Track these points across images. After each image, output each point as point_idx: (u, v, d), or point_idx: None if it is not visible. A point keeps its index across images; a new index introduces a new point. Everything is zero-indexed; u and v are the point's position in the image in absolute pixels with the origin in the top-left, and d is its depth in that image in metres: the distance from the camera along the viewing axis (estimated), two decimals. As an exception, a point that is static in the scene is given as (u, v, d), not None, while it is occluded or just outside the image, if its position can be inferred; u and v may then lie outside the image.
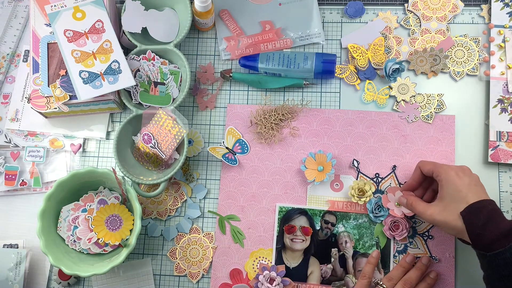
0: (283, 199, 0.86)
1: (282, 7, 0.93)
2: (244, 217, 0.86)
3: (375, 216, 0.83)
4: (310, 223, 0.84)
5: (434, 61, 0.88)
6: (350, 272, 0.82)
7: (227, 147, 0.88)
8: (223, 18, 0.93)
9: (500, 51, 0.87)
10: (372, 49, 0.89)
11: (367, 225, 0.84)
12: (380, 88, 0.88)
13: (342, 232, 0.84)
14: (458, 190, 0.71)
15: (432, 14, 0.90)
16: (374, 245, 0.83)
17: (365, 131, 0.87)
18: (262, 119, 0.88)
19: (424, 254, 0.81)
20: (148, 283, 0.85)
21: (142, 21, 0.89)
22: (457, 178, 0.72)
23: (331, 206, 0.84)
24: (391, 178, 0.85)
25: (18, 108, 0.91)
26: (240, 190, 0.87)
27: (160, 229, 0.87)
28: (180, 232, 0.86)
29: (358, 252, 0.83)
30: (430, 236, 0.82)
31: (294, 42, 0.91)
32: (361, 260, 0.82)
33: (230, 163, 0.86)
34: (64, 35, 0.85)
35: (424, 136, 0.86)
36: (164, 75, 0.88)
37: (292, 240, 0.84)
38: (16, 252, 0.85)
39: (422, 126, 0.86)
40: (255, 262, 0.84)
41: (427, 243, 0.82)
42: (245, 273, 0.84)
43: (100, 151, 0.91)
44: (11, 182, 0.88)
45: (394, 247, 0.82)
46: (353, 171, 0.86)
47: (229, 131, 0.88)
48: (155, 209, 0.87)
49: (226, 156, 0.87)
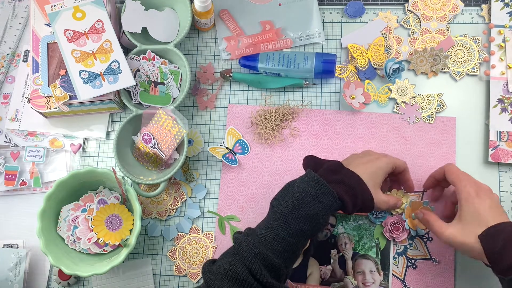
0: None
1: (282, 7, 0.93)
2: (244, 218, 0.86)
3: (375, 217, 0.83)
4: (310, 224, 0.84)
5: (434, 61, 0.88)
6: (349, 274, 0.82)
7: (227, 147, 0.88)
8: (223, 18, 0.93)
9: (500, 51, 0.87)
10: (372, 49, 0.89)
11: (366, 227, 0.84)
12: (380, 87, 0.88)
13: (342, 234, 0.84)
14: (478, 213, 0.69)
15: (432, 14, 0.90)
16: (373, 246, 0.83)
17: (366, 132, 0.87)
18: (262, 120, 0.88)
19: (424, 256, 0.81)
20: (148, 283, 0.85)
21: (142, 21, 0.89)
22: (477, 199, 0.70)
23: (331, 207, 0.84)
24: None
25: (18, 108, 0.91)
26: (240, 190, 0.87)
27: (160, 229, 0.87)
28: (180, 232, 0.86)
29: (358, 254, 0.83)
30: (429, 238, 0.82)
31: (294, 42, 0.91)
32: (361, 261, 0.82)
33: (230, 163, 0.86)
34: (64, 35, 0.85)
35: (424, 137, 0.86)
36: (164, 75, 0.88)
37: (291, 241, 0.84)
38: (16, 252, 0.85)
39: (423, 127, 0.86)
40: None
41: (427, 245, 0.82)
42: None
43: (100, 151, 0.91)
44: (11, 182, 0.88)
45: (393, 248, 0.82)
46: (354, 172, 0.86)
47: (229, 131, 0.88)
48: (155, 209, 0.87)
49: (226, 156, 0.87)
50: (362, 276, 0.82)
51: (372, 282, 0.81)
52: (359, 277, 0.82)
